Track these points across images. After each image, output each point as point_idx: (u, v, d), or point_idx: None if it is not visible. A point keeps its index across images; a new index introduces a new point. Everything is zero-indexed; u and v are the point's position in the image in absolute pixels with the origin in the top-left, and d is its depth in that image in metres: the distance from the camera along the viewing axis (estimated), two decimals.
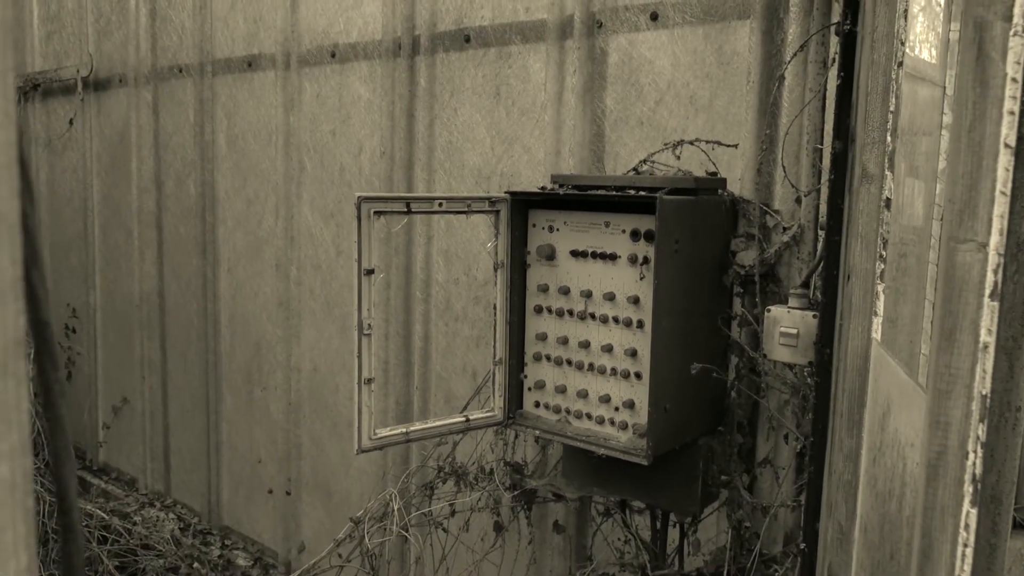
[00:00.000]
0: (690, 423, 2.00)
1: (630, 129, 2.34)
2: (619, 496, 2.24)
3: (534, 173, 2.57)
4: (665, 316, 1.85)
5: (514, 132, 2.63)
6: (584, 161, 2.43)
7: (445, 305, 2.87)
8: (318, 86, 3.27)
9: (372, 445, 1.92)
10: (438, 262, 2.87)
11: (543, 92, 2.53)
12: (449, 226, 2.83)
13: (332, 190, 3.26)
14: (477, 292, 2.77)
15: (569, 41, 2.44)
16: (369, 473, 3.21)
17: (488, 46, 2.66)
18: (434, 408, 2.95)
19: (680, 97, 2.23)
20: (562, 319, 2.06)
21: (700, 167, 2.16)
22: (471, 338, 2.80)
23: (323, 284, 3.34)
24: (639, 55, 2.30)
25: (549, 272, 2.08)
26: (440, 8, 2.80)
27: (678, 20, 2.21)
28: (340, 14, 3.15)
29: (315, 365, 3.42)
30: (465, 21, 2.73)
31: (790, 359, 1.82)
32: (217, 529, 3.98)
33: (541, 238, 2.09)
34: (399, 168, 2.95)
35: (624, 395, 1.97)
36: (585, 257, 2.01)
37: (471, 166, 2.75)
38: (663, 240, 1.83)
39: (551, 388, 2.10)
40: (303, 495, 3.55)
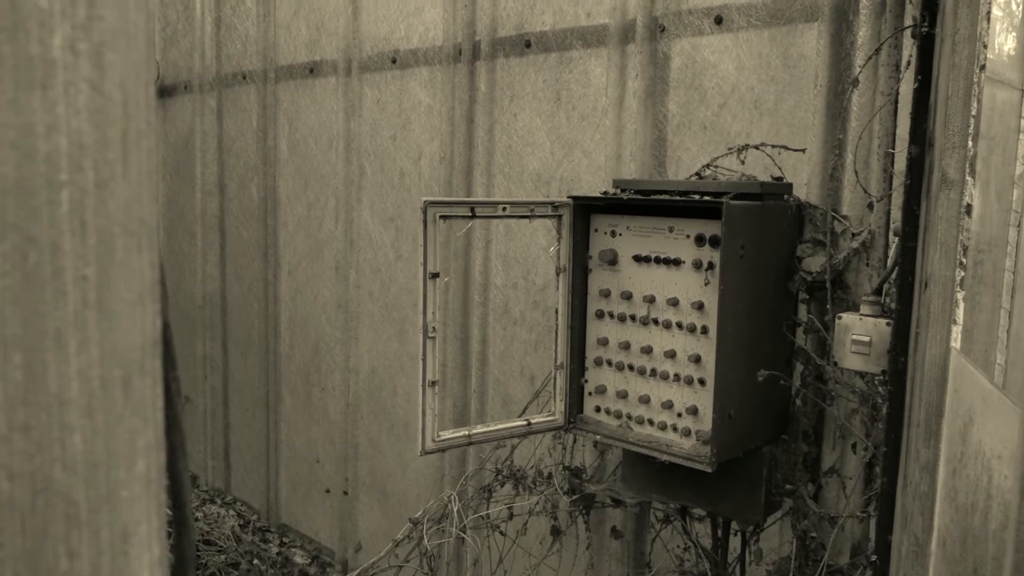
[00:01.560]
0: (754, 430, 1.98)
1: (692, 133, 2.32)
2: (679, 502, 2.23)
3: (594, 178, 2.57)
4: (730, 322, 1.84)
5: (574, 137, 2.63)
6: (645, 166, 2.42)
7: (503, 309, 2.89)
8: (379, 92, 3.32)
9: (435, 447, 1.94)
10: (496, 266, 2.89)
11: (604, 97, 2.52)
12: (508, 230, 2.84)
13: (391, 194, 3.30)
14: (535, 296, 2.77)
15: (631, 46, 2.44)
16: (426, 475, 3.23)
17: (549, 51, 2.67)
18: (491, 411, 2.96)
19: (744, 101, 2.21)
20: (624, 324, 2.06)
21: (764, 172, 2.13)
22: (529, 342, 2.81)
23: (382, 287, 3.39)
24: (702, 59, 2.29)
25: (611, 277, 2.08)
26: (501, 14, 2.82)
27: (743, 24, 2.19)
28: (401, 21, 3.19)
29: (373, 367, 3.47)
30: (526, 27, 2.74)
31: (862, 367, 1.78)
32: (275, 527, 4.06)
33: (603, 243, 2.09)
34: (458, 173, 2.98)
35: (687, 401, 1.95)
36: (648, 262, 2.00)
37: (530, 171, 2.76)
38: (729, 245, 1.81)
39: (612, 393, 2.09)
40: (360, 495, 3.59)
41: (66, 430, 0.40)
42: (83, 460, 0.41)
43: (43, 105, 0.38)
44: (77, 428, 0.41)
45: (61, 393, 0.40)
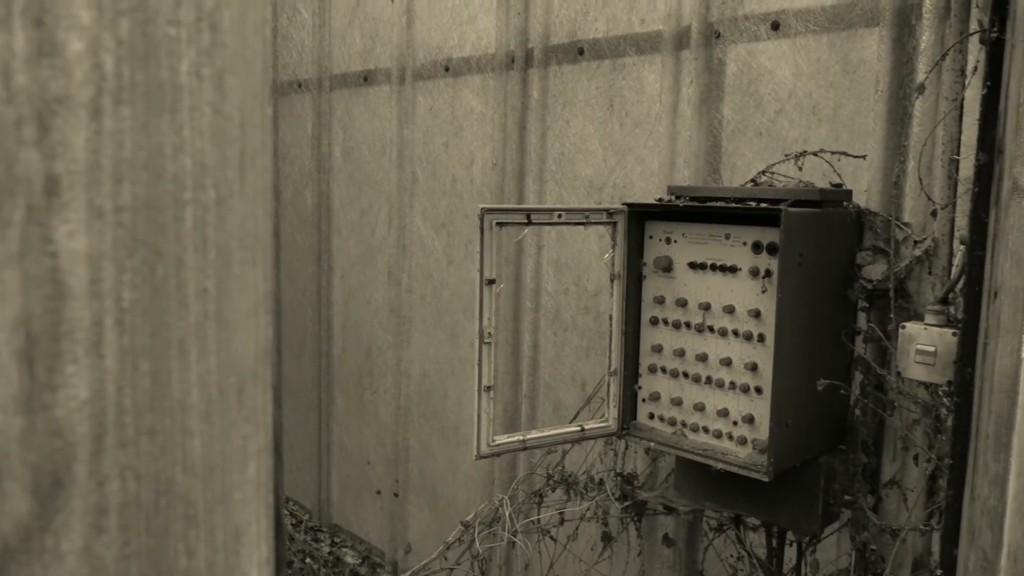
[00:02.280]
0: (811, 440, 1.95)
1: (748, 140, 2.31)
2: (733, 511, 2.21)
3: (647, 184, 2.57)
4: (788, 330, 1.82)
5: (627, 143, 2.63)
6: (700, 172, 2.41)
7: (554, 315, 2.90)
8: (431, 99, 3.36)
9: (490, 451, 1.96)
10: (548, 272, 2.90)
11: (658, 103, 2.52)
12: (560, 236, 2.85)
13: (444, 201, 3.34)
14: (587, 302, 2.78)
15: (685, 52, 2.43)
16: (476, 479, 3.26)
17: (602, 58, 2.68)
18: (542, 417, 2.98)
19: (802, 107, 2.19)
20: (678, 331, 2.05)
21: (822, 178, 2.11)
22: (580, 348, 2.82)
23: (433, 292, 3.42)
24: (758, 65, 2.27)
25: (666, 284, 2.07)
26: (554, 22, 2.83)
27: (800, 29, 2.17)
28: (454, 29, 3.23)
29: (424, 371, 3.50)
30: (579, 34, 2.75)
31: (926, 378, 1.75)
32: (327, 527, 4.12)
33: (658, 250, 2.09)
34: (510, 179, 3.00)
35: (743, 409, 1.94)
36: (704, 269, 1.99)
37: (583, 177, 2.77)
38: (787, 253, 1.80)
39: (666, 400, 2.09)
40: (410, 497, 3.63)
41: (187, 434, 0.43)
42: (201, 463, 0.43)
43: (171, 128, 0.41)
44: (196, 433, 0.43)
45: (183, 399, 0.42)
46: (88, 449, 0.40)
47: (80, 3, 0.37)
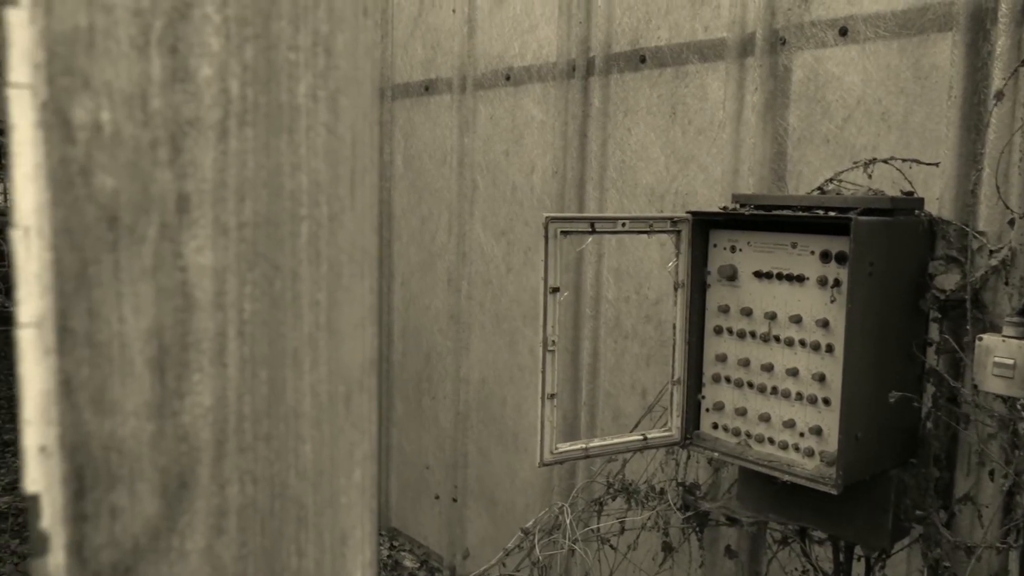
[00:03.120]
0: (881, 453, 1.91)
1: (815, 147, 2.27)
2: (799, 524, 2.17)
3: (710, 192, 2.54)
4: (858, 341, 1.78)
5: (690, 151, 2.61)
6: (764, 180, 2.38)
7: (614, 322, 2.89)
8: (492, 108, 3.39)
9: (553, 459, 1.96)
10: (608, 280, 2.89)
11: (721, 111, 2.50)
12: (620, 244, 2.84)
13: (503, 208, 3.36)
14: (648, 310, 2.77)
15: (750, 59, 2.41)
16: (534, 485, 3.26)
17: (664, 66, 2.67)
18: (601, 425, 2.97)
19: (871, 114, 2.15)
20: (743, 340, 2.03)
21: (892, 186, 2.06)
22: (640, 356, 2.80)
23: (492, 299, 3.45)
24: (826, 71, 2.24)
25: (730, 293, 2.05)
26: (615, 30, 2.83)
27: (870, 34, 2.13)
28: (515, 38, 3.25)
29: (483, 377, 3.53)
30: (641, 42, 2.75)
31: (1005, 391, 1.70)
32: (385, 530, 4.17)
33: (722, 258, 2.07)
34: (571, 187, 3.00)
35: (810, 421, 1.90)
36: (770, 278, 1.97)
37: (644, 185, 2.76)
38: (857, 262, 1.77)
39: (730, 410, 2.06)
40: (468, 502, 3.66)
41: (299, 440, 0.45)
42: (312, 468, 0.45)
43: (289, 147, 0.43)
44: (308, 439, 0.45)
45: (296, 406, 0.44)
46: (211, 454, 0.42)
47: (210, 31, 0.39)
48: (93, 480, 0.39)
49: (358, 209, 0.46)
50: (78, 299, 0.38)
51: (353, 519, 0.47)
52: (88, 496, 0.39)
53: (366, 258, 0.46)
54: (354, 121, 0.45)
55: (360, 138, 0.46)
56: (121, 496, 0.39)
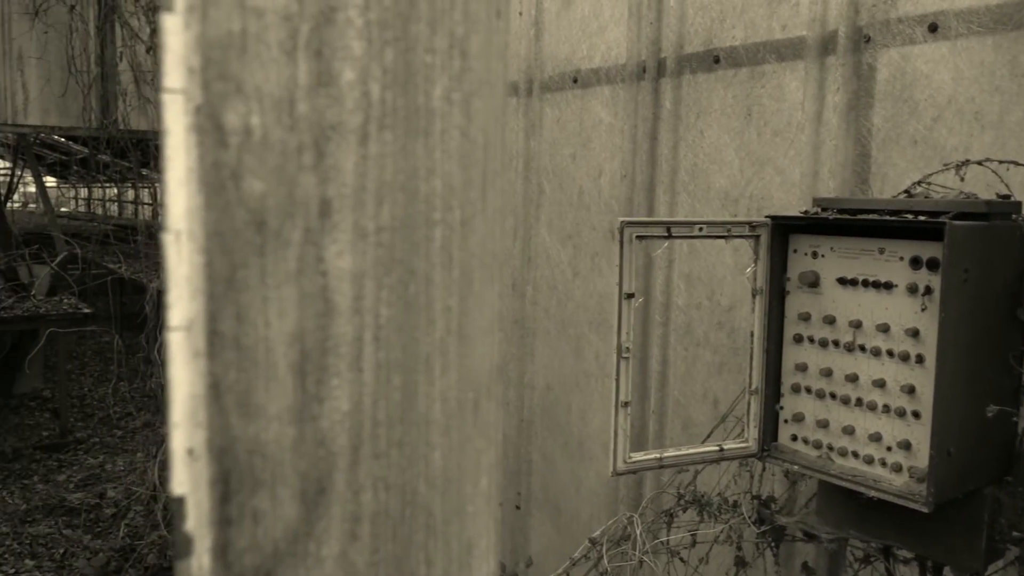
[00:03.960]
0: (975, 470, 1.83)
1: (901, 149, 2.20)
2: (883, 542, 2.09)
3: (787, 196, 2.48)
4: (951, 351, 1.71)
5: (766, 153, 2.56)
6: (846, 183, 2.32)
7: (685, 329, 2.84)
8: (559, 111, 3.38)
9: (627, 468, 1.93)
10: (679, 286, 2.85)
11: (800, 112, 2.44)
12: (692, 249, 2.80)
13: (570, 213, 3.34)
14: (720, 317, 2.71)
15: (831, 58, 2.34)
16: (600, 494, 3.23)
17: (739, 66, 2.62)
18: (670, 434, 2.92)
19: (963, 113, 2.06)
20: (825, 350, 1.97)
21: (986, 189, 1.98)
22: (712, 364, 2.75)
23: (558, 304, 3.43)
24: (913, 69, 2.16)
25: (812, 300, 1.99)
26: (688, 31, 2.80)
27: (962, 30, 2.05)
28: (583, 41, 3.24)
29: (548, 383, 3.51)
30: (715, 42, 2.70)
31: None
32: None
33: (803, 264, 2.01)
34: (640, 191, 2.97)
35: (898, 435, 1.83)
36: (855, 285, 1.90)
37: (717, 188, 2.71)
38: (950, 269, 1.70)
39: (811, 422, 2.00)
40: (532, 510, 3.64)
41: (429, 447, 0.44)
42: (441, 475, 0.45)
43: (425, 151, 0.42)
44: (438, 446, 0.44)
45: (427, 413, 0.44)
46: (347, 459, 0.41)
47: (353, 35, 0.39)
48: (238, 484, 0.39)
49: (488, 213, 0.45)
50: (227, 303, 0.38)
51: (479, 528, 0.47)
52: (233, 500, 0.39)
53: (495, 263, 0.46)
54: (486, 124, 0.44)
55: (492, 141, 0.45)
56: (263, 500, 0.39)
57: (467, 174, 0.44)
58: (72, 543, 4.53)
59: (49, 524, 4.77)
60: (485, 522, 0.47)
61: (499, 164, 0.46)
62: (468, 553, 0.46)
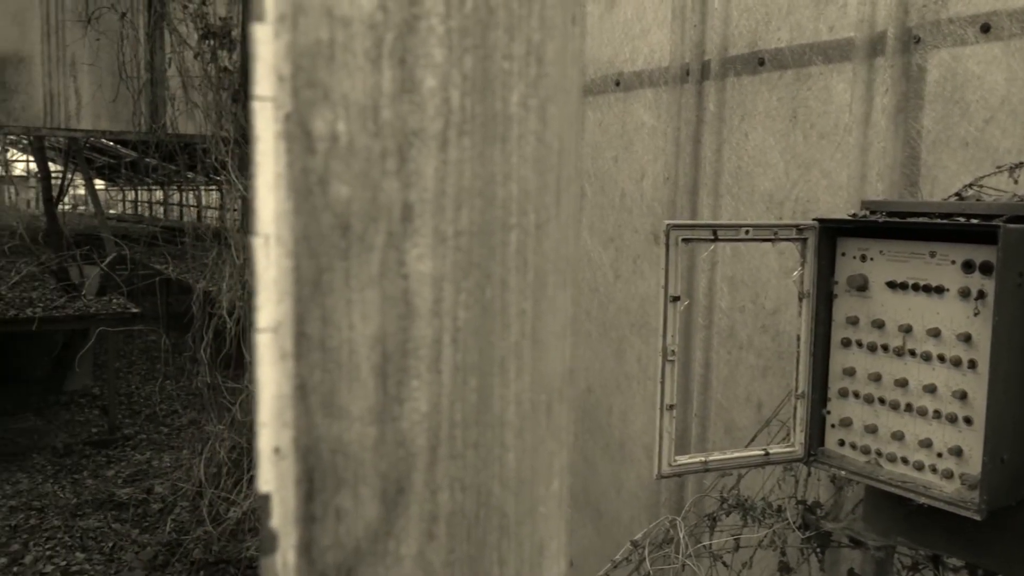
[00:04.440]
0: None
1: (951, 151, 2.16)
2: (932, 550, 2.05)
3: (834, 199, 2.45)
4: (1005, 357, 1.68)
5: (811, 156, 2.52)
6: (895, 186, 2.28)
7: (728, 332, 2.82)
8: (601, 114, 3.38)
9: (671, 472, 1.92)
10: (722, 288, 2.83)
11: (847, 114, 2.41)
12: (736, 252, 2.77)
13: (612, 215, 3.34)
14: (765, 320, 2.68)
15: (880, 59, 2.31)
16: (641, 497, 3.22)
17: (784, 68, 2.59)
18: (713, 438, 2.90)
19: (1016, 115, 2.02)
20: (874, 354, 1.94)
21: None
22: (756, 368, 2.72)
23: (599, 307, 3.42)
24: (965, 70, 2.12)
25: (860, 304, 1.96)
26: (732, 33, 2.77)
27: (1016, 31, 2.01)
28: (626, 43, 3.23)
29: (589, 386, 3.50)
30: (759, 44, 2.68)
31: None
32: None
33: (851, 268, 1.98)
34: (683, 193, 2.95)
35: (949, 441, 1.80)
36: (904, 289, 1.87)
37: (761, 191, 2.68)
38: (1004, 273, 1.66)
39: (859, 427, 1.97)
40: (573, 512, 3.64)
41: (504, 449, 0.44)
42: (514, 477, 0.45)
43: (502, 156, 0.43)
44: (511, 447, 0.45)
45: (502, 415, 0.44)
46: (425, 460, 0.42)
47: (435, 42, 0.40)
48: (321, 482, 0.40)
49: (562, 218, 0.46)
50: (313, 305, 0.39)
51: (551, 530, 0.47)
52: (317, 498, 0.40)
53: (568, 268, 0.46)
54: (561, 129, 0.45)
55: (566, 146, 0.45)
56: (346, 499, 0.40)
57: (542, 179, 0.44)
58: (121, 537, 4.64)
59: (99, 518, 4.88)
60: (556, 524, 0.47)
61: (573, 169, 0.46)
62: (540, 554, 0.47)
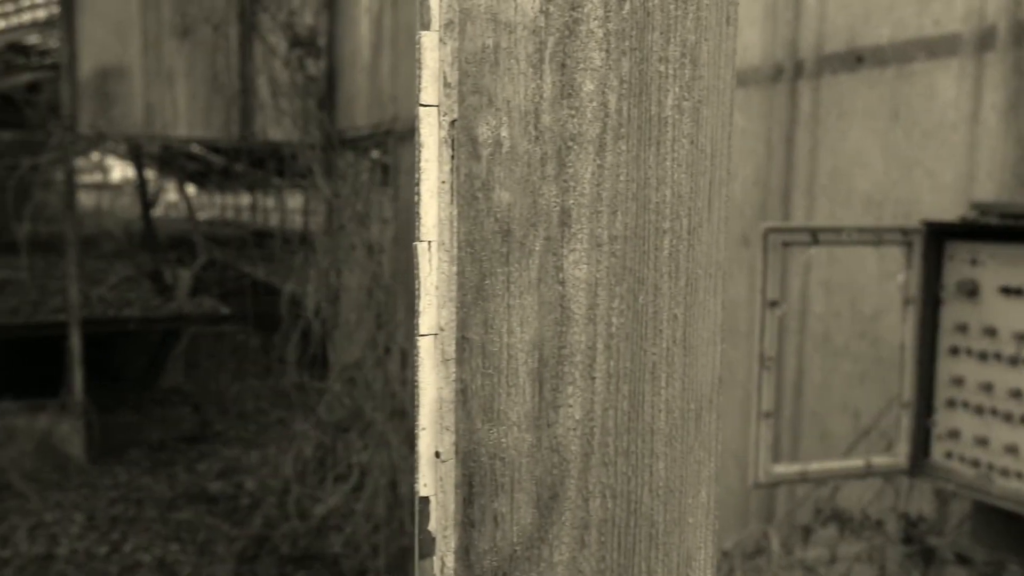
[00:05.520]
0: None
1: None
2: None
3: (939, 199, 2.35)
4: None
5: (914, 155, 2.43)
6: (1005, 186, 2.17)
7: (823, 338, 2.73)
8: None
9: (768, 481, 1.87)
10: (817, 293, 2.74)
11: (953, 111, 2.30)
12: (832, 255, 2.69)
13: None
14: (863, 326, 2.59)
15: (989, 54, 2.20)
16: (729, 506, 3.15)
17: (885, 65, 2.50)
18: (805, 447, 2.81)
19: None
20: (985, 363, 1.85)
21: None
22: (853, 375, 2.63)
23: None
24: None
25: (970, 310, 1.87)
26: (827, 30, 2.69)
27: None
28: None
29: None
30: (857, 41, 2.59)
31: None
32: None
33: (960, 272, 1.89)
34: (774, 196, 2.88)
35: None
36: (1020, 295, 1.78)
37: (859, 192, 2.59)
38: None
39: (968, 439, 1.88)
40: None
41: (654, 457, 0.44)
42: (663, 486, 0.44)
43: (655, 160, 0.42)
44: (661, 455, 0.44)
45: (652, 422, 0.43)
46: (578, 467, 0.42)
47: (594, 46, 0.40)
48: (480, 487, 0.40)
49: (714, 222, 0.45)
50: (475, 310, 0.39)
51: (698, 540, 0.46)
52: (476, 502, 0.40)
53: (719, 273, 0.45)
54: (714, 132, 0.44)
55: (719, 149, 0.44)
56: (503, 504, 0.40)
57: (695, 183, 0.44)
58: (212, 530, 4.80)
59: (192, 511, 5.07)
60: (704, 535, 0.46)
61: (725, 172, 0.45)
62: (687, 565, 0.46)
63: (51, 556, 4.48)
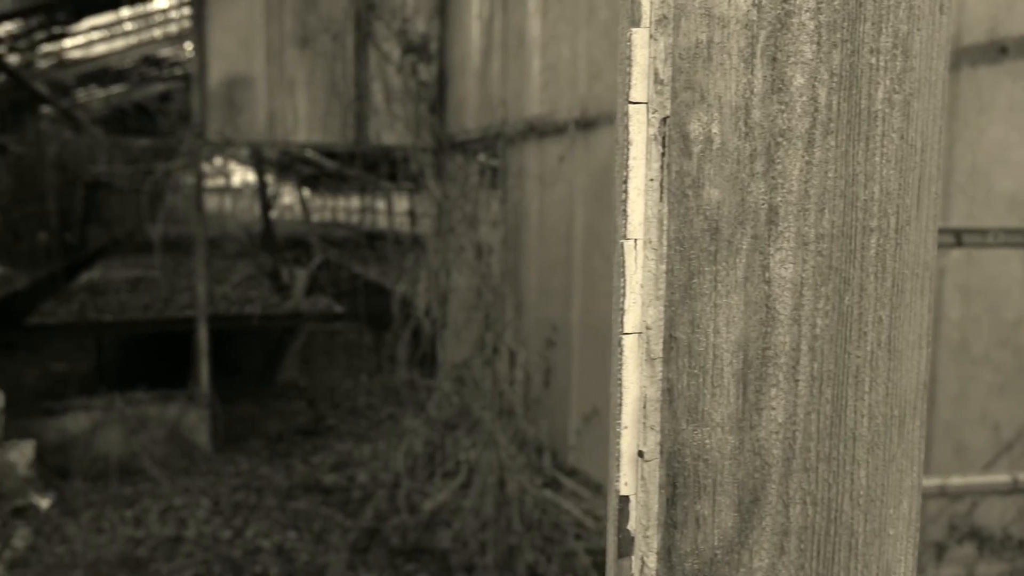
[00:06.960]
0: None
1: None
2: None
3: None
4: None
5: None
6: None
7: (958, 345, 2.58)
8: None
9: None
10: (952, 298, 2.60)
11: None
12: (970, 258, 2.54)
13: None
14: (1004, 333, 2.43)
15: None
16: None
17: None
18: (938, 460, 2.67)
19: None
20: None
21: None
22: (994, 385, 2.48)
23: None
24: None
25: None
26: (966, 20, 2.54)
27: None
28: None
29: None
30: (1000, 31, 2.44)
31: None
32: None
33: None
34: None
35: None
36: None
37: (1001, 191, 2.44)
38: None
39: None
40: None
41: (855, 464, 0.42)
42: (864, 494, 0.43)
43: (864, 156, 0.40)
44: (863, 463, 0.42)
45: (854, 428, 0.42)
46: (779, 471, 0.41)
47: (805, 38, 0.39)
48: (683, 488, 0.39)
49: (923, 220, 0.43)
50: (683, 309, 0.38)
51: (899, 552, 0.44)
52: (679, 504, 0.39)
53: (926, 273, 0.43)
54: (924, 126, 0.42)
55: (929, 144, 0.42)
56: (705, 506, 0.40)
57: (903, 179, 0.42)
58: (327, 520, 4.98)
59: (307, 501, 5.27)
60: (905, 546, 0.44)
61: (935, 168, 0.43)
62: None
63: (180, 538, 4.75)
